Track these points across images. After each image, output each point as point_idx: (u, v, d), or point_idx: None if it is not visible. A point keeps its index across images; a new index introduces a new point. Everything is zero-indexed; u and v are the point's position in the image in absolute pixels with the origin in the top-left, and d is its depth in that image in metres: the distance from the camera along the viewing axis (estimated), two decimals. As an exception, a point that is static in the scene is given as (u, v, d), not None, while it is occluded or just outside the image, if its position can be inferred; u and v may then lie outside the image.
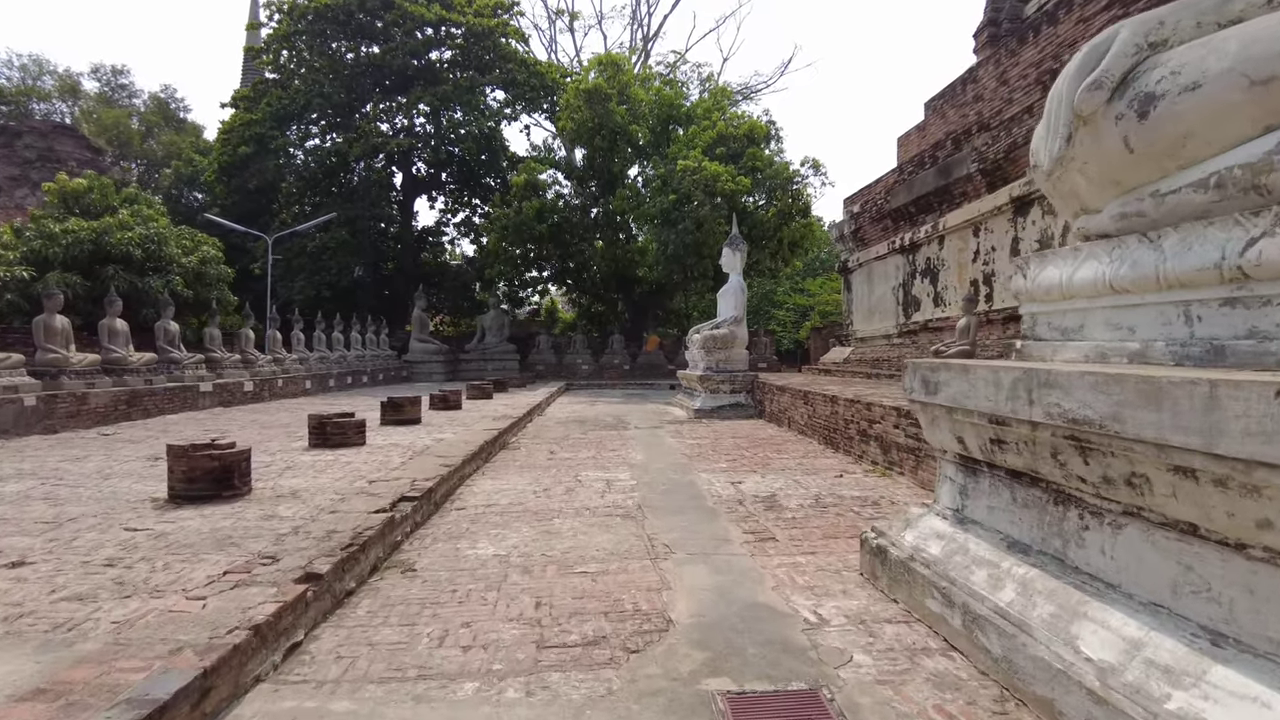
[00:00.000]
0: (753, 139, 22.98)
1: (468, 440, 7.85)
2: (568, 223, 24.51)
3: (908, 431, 6.50)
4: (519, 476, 6.91)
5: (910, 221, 12.70)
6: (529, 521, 5.17)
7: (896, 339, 13.06)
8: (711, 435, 10.15)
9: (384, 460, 6.86)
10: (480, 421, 10.22)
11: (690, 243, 21.27)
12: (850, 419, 7.91)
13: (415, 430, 9.34)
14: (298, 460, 6.89)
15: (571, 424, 11.90)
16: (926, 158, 12.32)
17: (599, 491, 6.16)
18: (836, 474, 6.92)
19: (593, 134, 23.74)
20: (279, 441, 8.25)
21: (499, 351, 26.34)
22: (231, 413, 11.92)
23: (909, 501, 5.71)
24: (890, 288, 13.42)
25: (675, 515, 5.32)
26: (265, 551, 3.78)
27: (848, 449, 8.01)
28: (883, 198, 13.68)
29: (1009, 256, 9.69)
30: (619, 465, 7.55)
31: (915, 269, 12.46)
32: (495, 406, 13.11)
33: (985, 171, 10.19)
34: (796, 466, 7.36)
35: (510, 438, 9.71)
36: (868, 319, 14.51)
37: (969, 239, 10.77)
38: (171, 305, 12.69)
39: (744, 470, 7.16)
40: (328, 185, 30.52)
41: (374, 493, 5.24)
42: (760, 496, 5.90)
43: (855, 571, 4.01)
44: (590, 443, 9.41)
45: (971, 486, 3.45)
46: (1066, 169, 3.18)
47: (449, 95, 26.86)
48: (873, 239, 14.24)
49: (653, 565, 4.12)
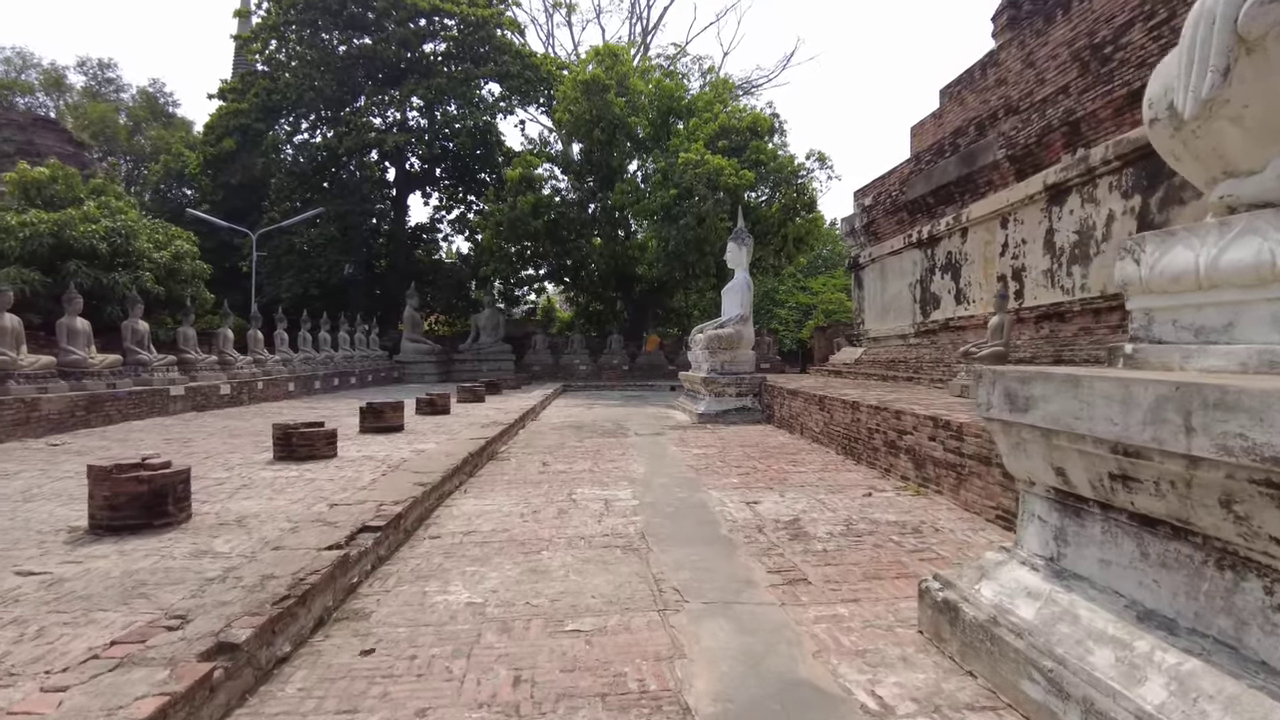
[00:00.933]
0: (756, 132, 22.21)
1: (450, 452, 7.07)
2: (565, 218, 23.72)
3: (947, 445, 5.73)
4: (506, 495, 6.14)
5: (928, 214, 11.94)
6: (513, 555, 4.39)
7: (914, 339, 12.30)
8: (718, 443, 9.39)
9: (353, 477, 6.08)
10: (468, 429, 9.45)
11: (692, 239, 20.50)
12: (875, 428, 7.14)
13: (395, 439, 8.56)
14: (256, 477, 6.11)
15: (567, 430, 11.13)
16: (946, 145, 11.56)
17: (596, 514, 5.39)
18: (864, 492, 6.15)
19: (591, 127, 22.95)
20: (243, 453, 7.47)
21: (494, 352, 25.55)
22: (204, 419, 11.13)
23: (955, 528, 4.94)
24: (906, 284, 12.66)
25: (685, 546, 4.55)
26: (177, 608, 3.00)
27: (872, 461, 7.24)
28: (898, 189, 12.91)
29: (1042, 250, 8.93)
30: (618, 480, 6.77)
31: (935, 264, 11.69)
32: (486, 411, 12.33)
33: (1014, 158, 9.43)
34: (817, 482, 6.59)
35: (500, 447, 8.94)
36: (881, 318, 13.74)
37: (995, 231, 10.00)
38: (140, 303, 11.88)
39: (759, 487, 6.39)
40: (318, 181, 29.72)
41: (332, 520, 4.46)
42: (782, 521, 5.13)
43: (912, 627, 3.24)
44: (587, 452, 8.64)
45: (1074, 531, 2.69)
46: (1212, 117, 2.41)
47: (443, 88, 26.06)
48: (887, 233, 13.47)
49: (661, 620, 3.35)
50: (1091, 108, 7.86)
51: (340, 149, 26.76)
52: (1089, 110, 7.90)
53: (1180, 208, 6.68)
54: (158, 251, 14.99)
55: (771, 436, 10.11)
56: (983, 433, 5.25)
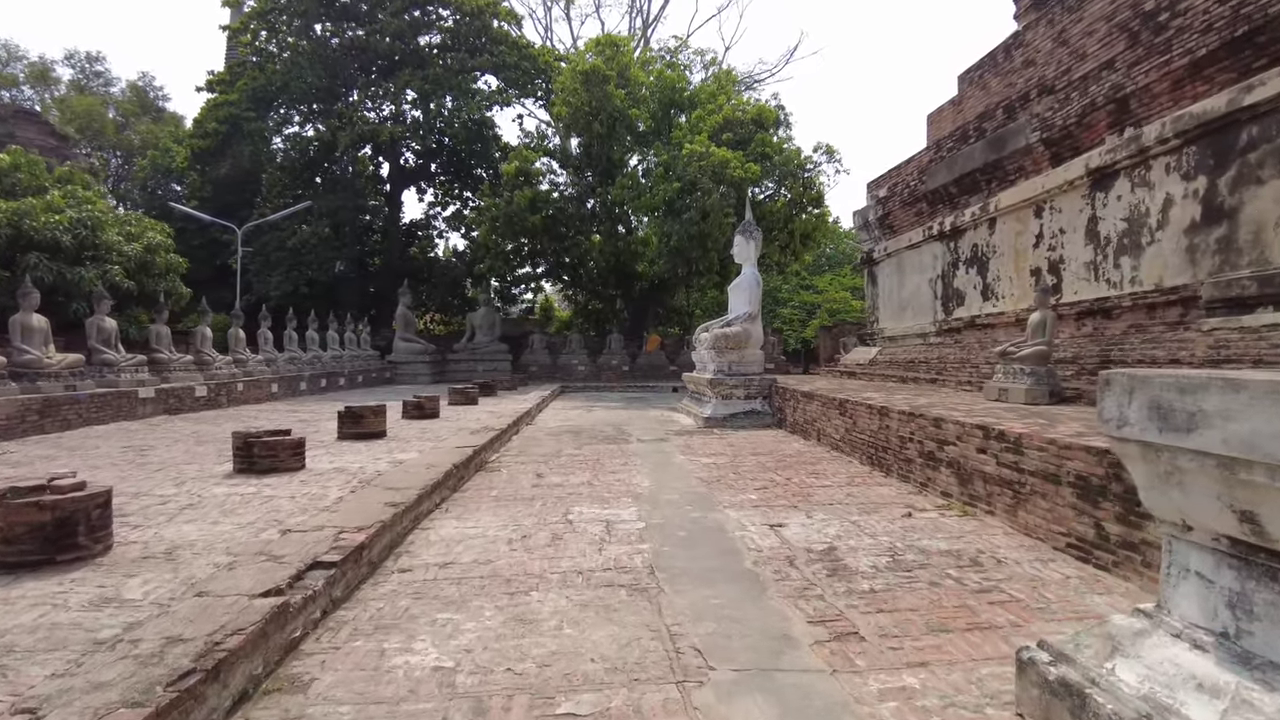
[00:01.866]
0: (761, 124, 21.46)
1: (433, 464, 6.31)
2: (563, 213, 22.94)
3: (1002, 459, 4.97)
4: (493, 515, 5.38)
5: (950, 204, 11.19)
6: (496, 596, 3.64)
7: (935, 338, 11.54)
8: (729, 451, 8.62)
9: (317, 494, 5.31)
10: (456, 435, 8.68)
11: (695, 234, 19.73)
12: (909, 437, 6.38)
13: (374, 447, 7.79)
14: (207, 494, 5.34)
15: (565, 435, 10.37)
16: (970, 130, 10.80)
17: (596, 540, 4.63)
18: (902, 511, 5.39)
19: (590, 119, 22.17)
20: (202, 464, 6.70)
21: (490, 351, 24.77)
22: (174, 423, 10.36)
23: (1020, 559, 4.18)
24: (926, 280, 11.90)
25: (704, 585, 3.79)
26: (33, 693, 2.25)
27: (905, 474, 6.48)
28: (916, 179, 12.16)
29: (1083, 240, 8.18)
30: (621, 496, 6.01)
31: (958, 258, 10.94)
32: (478, 415, 11.56)
33: (1050, 141, 8.68)
34: (846, 500, 5.83)
35: (490, 455, 8.17)
36: (898, 316, 12.99)
37: (1028, 221, 9.25)
38: (106, 299, 11.07)
39: (781, 504, 5.63)
40: (310, 176, 28.94)
41: (278, 554, 3.71)
42: (815, 550, 4.37)
43: (1007, 708, 2.49)
44: (585, 461, 7.88)
45: (1269, 601, 1.93)
46: None
47: (438, 79, 25.25)
48: (904, 225, 12.72)
49: (682, 699, 2.59)
50: (1144, 82, 7.10)
51: (334, 142, 25.95)
52: (1141, 85, 7.14)
53: (1256, 188, 5.92)
54: (128, 244, 14.11)
55: (785, 443, 9.35)
56: (1048, 446, 4.49)
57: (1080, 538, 4.13)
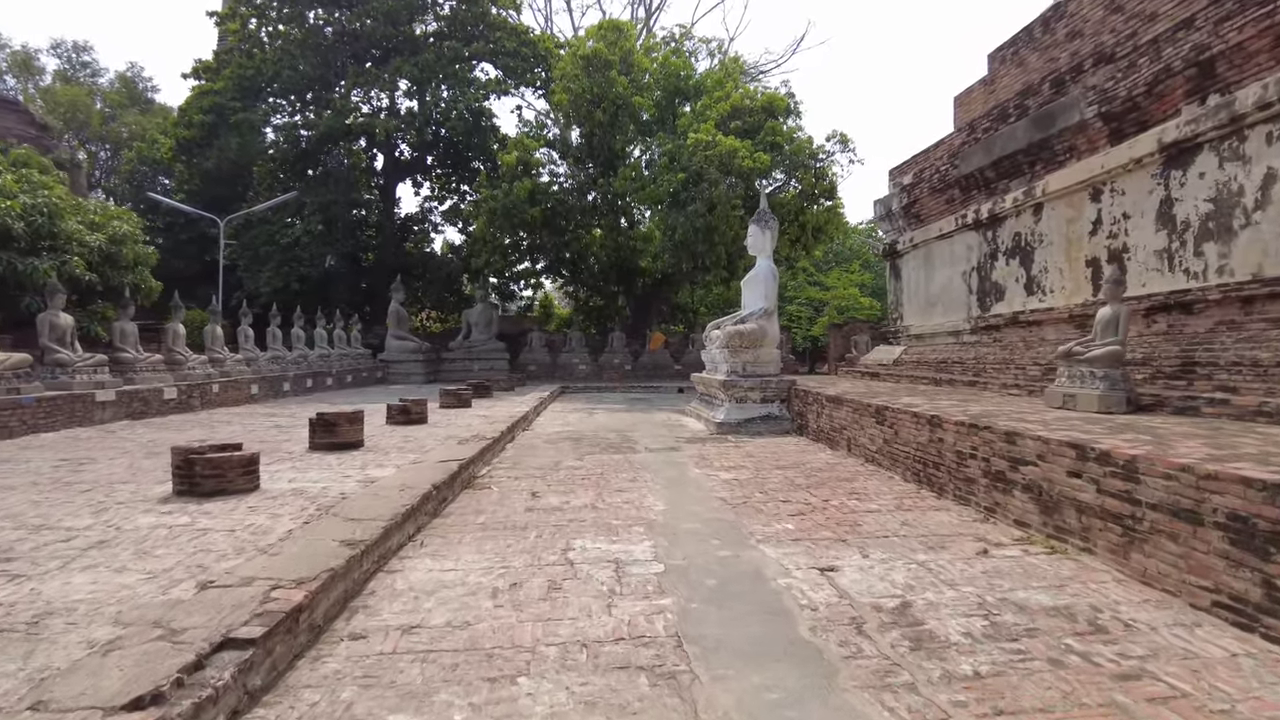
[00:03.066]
0: (771, 112, 20.47)
1: (409, 483, 5.34)
2: (563, 206, 21.94)
3: (1105, 486, 4.01)
4: (476, 551, 4.42)
5: (987, 190, 10.22)
6: (471, 684, 2.68)
7: (969, 336, 10.57)
8: (749, 463, 7.66)
9: (264, 526, 4.36)
10: (443, 445, 7.72)
11: (701, 227, 18.74)
12: (970, 453, 5.42)
13: (347, 461, 6.83)
14: (128, 527, 4.39)
15: (564, 443, 9.41)
16: (1010, 109, 9.83)
17: (603, 592, 3.67)
18: (975, 546, 4.43)
19: (592, 107, 21.18)
20: (140, 483, 5.74)
21: (486, 350, 23.79)
22: (135, 429, 9.40)
23: (1154, 622, 3.22)
24: (959, 273, 10.94)
25: (751, 668, 2.83)
26: None
27: (963, 496, 5.52)
28: (946, 163, 11.19)
29: (1154, 225, 7.21)
30: (631, 525, 5.05)
31: (997, 248, 9.97)
32: (469, 420, 10.60)
33: (1110, 115, 7.70)
34: (902, 529, 4.87)
35: (480, 469, 7.22)
36: (925, 312, 12.02)
37: (1083, 205, 8.28)
38: (61, 292, 10.07)
39: (826, 537, 4.67)
40: (302, 169, 27.94)
41: (181, 625, 2.76)
42: (885, 608, 3.41)
43: None
44: (588, 476, 6.92)
45: None
46: None
47: (432, 65, 24.19)
48: (932, 214, 11.75)
49: None
50: (1237, 39, 6.13)
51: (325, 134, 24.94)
52: (1232, 43, 6.17)
53: (1395, 157, 4.96)
54: (91, 234, 13.07)
55: (810, 454, 8.39)
56: (1178, 475, 3.53)
57: (1237, 597, 3.17)
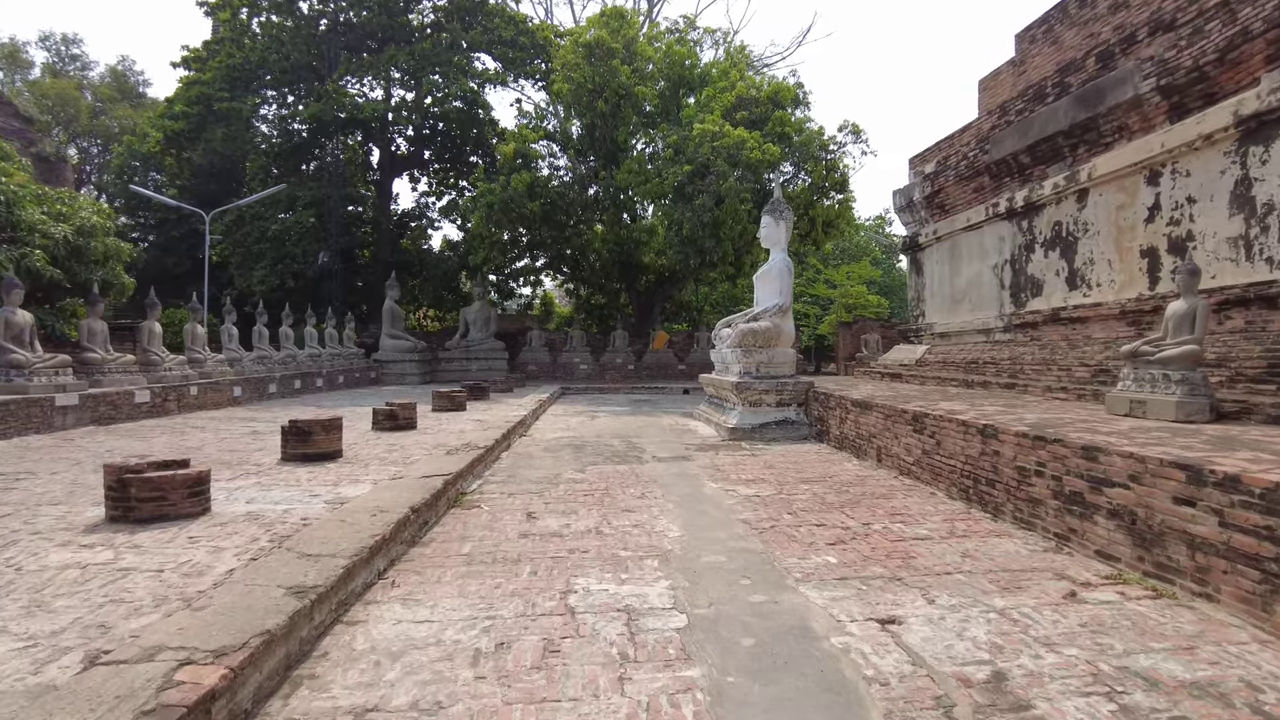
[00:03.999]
0: (779, 102, 19.68)
1: (383, 506, 4.58)
2: (563, 200, 21.16)
3: (1231, 519, 3.25)
4: (458, 593, 3.66)
5: (1021, 176, 9.45)
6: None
7: (1002, 335, 9.80)
8: (770, 476, 6.90)
9: (201, 564, 3.60)
10: (430, 455, 6.97)
11: (708, 221, 17.95)
12: (1034, 469, 4.66)
13: (320, 475, 6.08)
14: (36, 565, 3.64)
15: (565, 451, 8.65)
16: (1049, 87, 9.06)
17: (613, 660, 2.91)
18: (1058, 587, 3.66)
19: (593, 97, 20.39)
20: (73, 505, 4.98)
21: (484, 350, 23.02)
22: (96, 437, 8.65)
23: (1340, 710, 2.45)
24: (989, 266, 10.17)
25: (819, 789, 2.07)
26: None
27: (1025, 518, 4.76)
28: (974, 149, 10.42)
29: (1227, 209, 6.44)
30: (643, 557, 4.30)
31: (1034, 238, 9.20)
32: (463, 425, 9.85)
33: (1171, 89, 6.93)
34: (964, 562, 4.10)
35: (470, 483, 6.46)
36: (951, 309, 11.25)
37: (1137, 190, 7.51)
38: (18, 287, 9.30)
39: (878, 574, 3.91)
40: (296, 163, 27.18)
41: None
42: (973, 680, 2.65)
43: None
44: (591, 491, 6.16)
45: None
46: None
47: (428, 55, 23.40)
48: (959, 204, 10.98)
49: None
50: (1333, -6, 5.36)
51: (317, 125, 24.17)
52: (1327, -1, 5.40)
53: None
54: (55, 225, 12.25)
55: (835, 464, 7.63)
56: (1346, 507, 2.76)
57: None
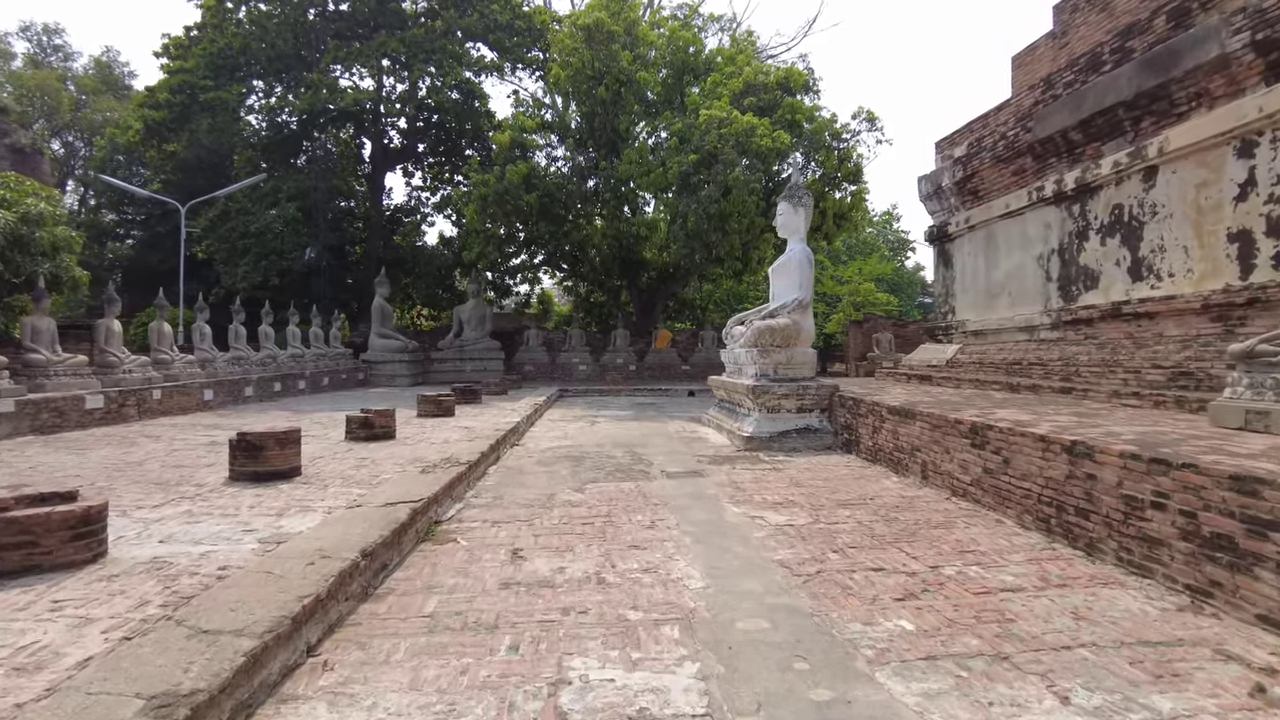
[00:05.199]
0: (789, 88, 18.69)
1: (327, 550, 3.57)
2: (561, 192, 20.16)
3: None
4: (410, 683, 2.66)
5: (1071, 155, 8.45)
6: None
7: (1049, 332, 8.81)
8: (800, 497, 5.90)
9: (46, 654, 2.61)
10: (402, 474, 5.98)
11: (715, 213, 16.96)
12: (1150, 500, 3.66)
13: (266, 500, 5.08)
14: None
15: (561, 464, 7.65)
16: (1105, 54, 8.05)
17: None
18: (1229, 673, 2.67)
19: (593, 83, 19.39)
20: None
21: (479, 350, 22.02)
22: (29, 450, 7.64)
23: None
24: (1032, 257, 9.17)
25: None
26: None
27: (1135, 559, 3.76)
28: (1015, 127, 9.42)
29: (1346, 182, 5.42)
30: (660, 621, 3.30)
31: (1088, 224, 8.20)
32: (448, 433, 8.86)
33: (1270, 43, 5.93)
34: (1077, 626, 3.09)
35: (447, 509, 5.45)
36: (986, 304, 10.26)
37: (1222, 164, 6.51)
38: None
39: (971, 647, 2.91)
40: (285, 156, 26.20)
41: None
42: None
43: None
44: (591, 519, 5.16)
45: None
46: None
47: (420, 43, 22.40)
48: (995, 189, 9.98)
49: None
50: None
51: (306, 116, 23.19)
52: None
53: None
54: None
55: (870, 480, 6.63)
56: None
57: None
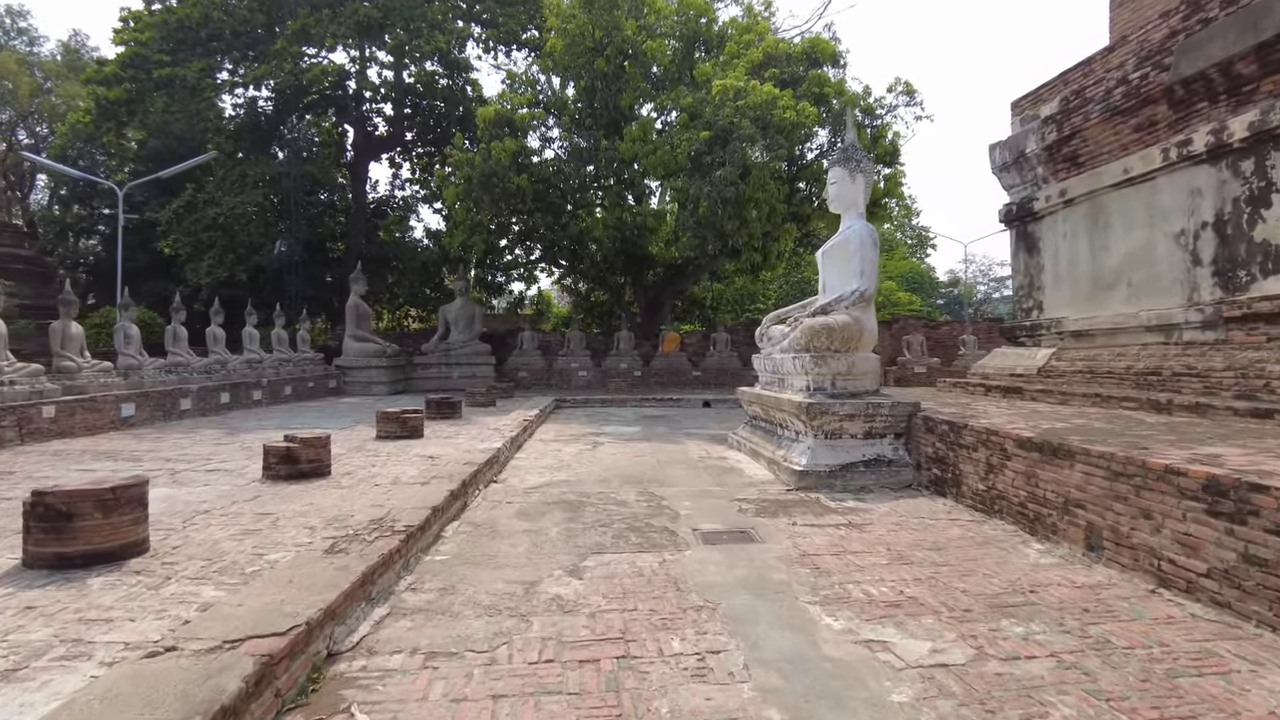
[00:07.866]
0: (815, 59, 16.62)
1: None
2: (560, 176, 18.06)
3: None
4: None
5: (1235, 96, 6.35)
6: None
7: (1197, 333, 6.70)
8: (925, 590, 3.80)
9: None
10: (299, 558, 3.88)
11: (731, 198, 14.86)
12: None
13: (24, 627, 2.97)
14: None
15: (551, 515, 5.53)
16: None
17: None
18: None
19: (593, 55, 17.30)
20: None
21: (467, 353, 19.88)
22: None
23: None
24: (1169, 234, 7.07)
25: None
26: None
27: None
28: (1136, 71, 7.32)
29: None
30: None
31: (1270, 185, 6.10)
32: (403, 467, 6.75)
33: None
34: None
35: (356, 625, 3.32)
36: (1092, 298, 8.15)
37: None
38: None
39: None
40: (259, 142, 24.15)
41: None
42: None
43: None
44: (594, 640, 3.04)
45: None
46: None
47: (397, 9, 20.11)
48: (1107, 150, 7.88)
49: None
50: None
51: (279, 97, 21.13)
52: None
53: None
54: None
55: (1000, 547, 4.53)
56: None
57: None
